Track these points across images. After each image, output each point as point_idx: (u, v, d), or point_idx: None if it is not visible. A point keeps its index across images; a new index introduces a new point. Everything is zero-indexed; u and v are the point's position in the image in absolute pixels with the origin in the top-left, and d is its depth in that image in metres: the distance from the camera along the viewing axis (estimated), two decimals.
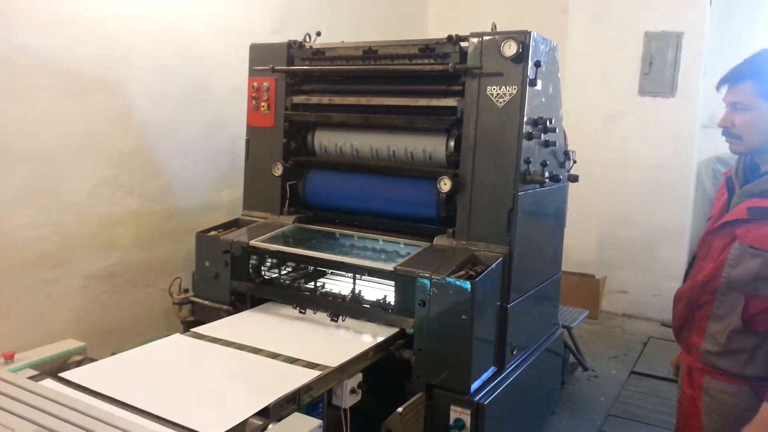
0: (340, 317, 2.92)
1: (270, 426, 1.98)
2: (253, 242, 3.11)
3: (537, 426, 3.48)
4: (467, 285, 2.53)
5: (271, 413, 2.08)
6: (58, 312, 3.49)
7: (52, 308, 3.46)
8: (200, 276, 3.33)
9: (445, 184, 2.89)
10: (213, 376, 2.32)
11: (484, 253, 2.84)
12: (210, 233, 3.34)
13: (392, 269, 2.73)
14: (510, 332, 2.87)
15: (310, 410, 2.37)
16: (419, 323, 2.66)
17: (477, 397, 2.60)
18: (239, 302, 3.21)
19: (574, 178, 3.58)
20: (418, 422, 2.60)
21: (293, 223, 3.39)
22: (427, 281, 2.62)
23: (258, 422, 2.01)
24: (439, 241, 2.99)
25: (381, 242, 3.14)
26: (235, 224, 3.53)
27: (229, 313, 3.17)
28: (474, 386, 2.63)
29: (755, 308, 2.07)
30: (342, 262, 2.89)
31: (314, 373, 2.33)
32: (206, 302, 3.28)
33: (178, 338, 2.71)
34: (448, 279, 2.58)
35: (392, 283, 2.79)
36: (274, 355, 2.52)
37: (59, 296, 3.48)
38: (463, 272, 2.66)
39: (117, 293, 3.83)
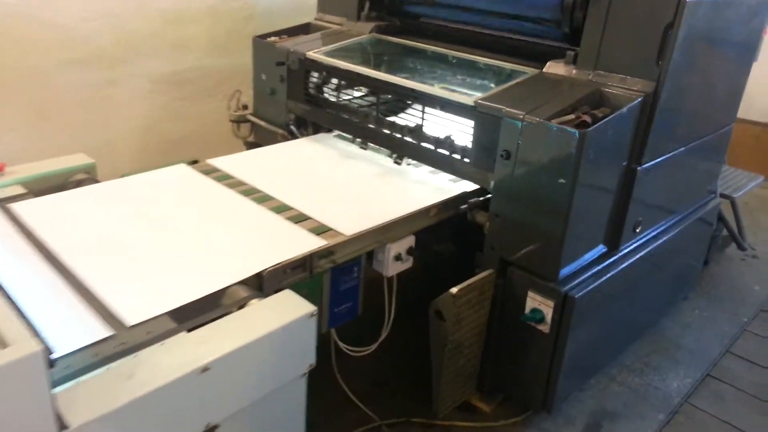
0: (405, 160, 2.27)
1: (253, 301, 1.48)
2: (310, 54, 2.44)
3: (658, 313, 2.75)
4: (574, 135, 1.73)
5: (265, 282, 1.58)
6: (122, 117, 3.18)
7: (115, 112, 3.14)
8: (257, 91, 2.78)
9: None
10: (204, 223, 1.83)
11: (616, 90, 1.95)
12: (269, 39, 2.71)
13: (472, 103, 1.96)
14: (635, 204, 2.06)
15: (338, 275, 1.86)
16: (500, 181, 1.93)
17: (566, 287, 1.91)
18: (299, 127, 2.65)
19: None
20: (482, 305, 2.00)
21: (371, 32, 2.64)
22: (517, 123, 1.84)
23: (242, 293, 1.52)
24: (554, 67, 2.12)
25: (479, 65, 2.34)
26: (304, 30, 2.86)
27: (285, 139, 2.64)
28: (565, 271, 1.93)
29: None
30: (410, 89, 2.15)
31: (342, 236, 1.77)
32: (262, 123, 2.76)
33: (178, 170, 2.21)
34: (548, 123, 1.78)
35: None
36: (298, 209, 1.98)
37: (121, 100, 3.14)
38: (573, 116, 1.84)
39: (191, 102, 3.43)
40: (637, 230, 2.15)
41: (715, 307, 2.94)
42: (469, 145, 2.03)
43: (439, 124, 2.13)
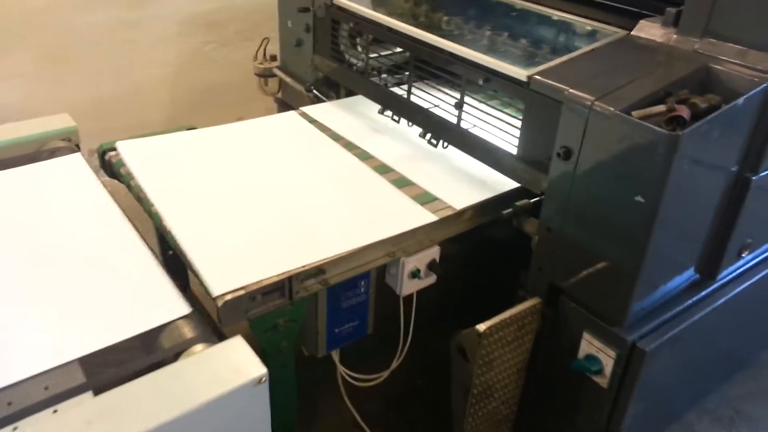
0: (441, 143, 1.80)
1: (198, 347, 1.13)
2: None
3: (757, 346, 2.19)
4: (661, 137, 1.21)
5: (221, 316, 1.22)
6: (147, 65, 2.87)
7: (138, 59, 2.83)
8: (283, 41, 2.36)
9: None
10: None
11: (732, 69, 1.39)
12: None
13: (525, 78, 1.46)
14: (744, 222, 1.52)
15: (338, 291, 1.49)
16: (555, 185, 1.45)
17: (636, 334, 1.44)
18: (328, 88, 2.22)
19: None
20: (522, 341, 1.57)
21: None
22: (582, 110, 1.34)
23: (186, 333, 1.17)
24: (647, 29, 1.57)
25: (550, 20, 1.81)
26: None
27: (311, 101, 2.23)
28: (637, 309, 1.45)
29: None
30: (448, 51, 1.66)
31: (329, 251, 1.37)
32: (287, 78, 2.35)
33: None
34: (626, 116, 1.27)
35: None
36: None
37: (145, 44, 2.82)
38: (665, 106, 1.31)
39: (224, 47, 3.07)
40: (744, 255, 1.62)
41: None
42: (517, 132, 1.55)
43: (483, 99, 1.65)
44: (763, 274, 1.72)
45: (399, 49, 2.01)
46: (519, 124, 1.54)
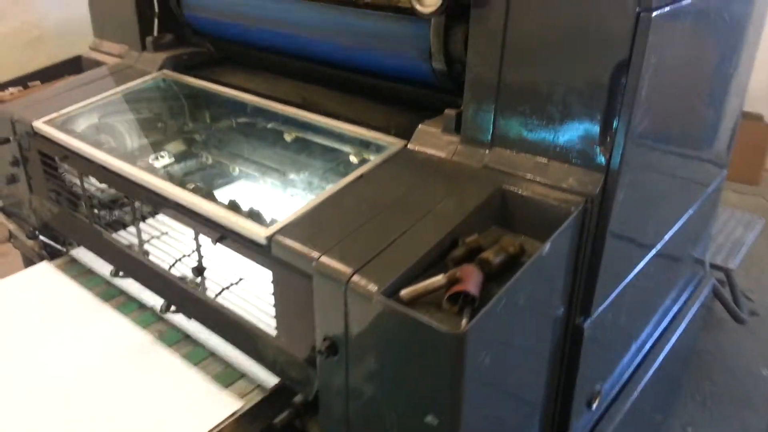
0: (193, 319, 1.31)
1: None
2: (39, 124, 1.46)
3: None
4: (442, 338, 0.80)
5: None
6: None
7: None
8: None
9: None
10: None
11: (531, 189, 1.03)
12: (6, 90, 1.71)
13: (264, 240, 1.01)
14: (586, 372, 1.16)
15: None
16: (328, 389, 1.00)
17: None
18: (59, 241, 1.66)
19: None
20: None
21: (161, 68, 1.67)
22: (338, 289, 0.90)
23: None
24: (426, 138, 1.19)
25: (315, 130, 1.39)
26: (72, 67, 1.87)
27: (39, 255, 1.67)
28: None
29: None
30: (174, 201, 1.18)
31: None
32: (11, 226, 1.77)
33: None
34: (392, 304, 0.85)
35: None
36: None
37: None
38: (444, 277, 0.89)
39: None
40: (593, 405, 1.26)
41: (714, 418, 2.08)
42: (272, 311, 1.09)
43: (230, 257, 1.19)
44: (625, 408, 1.37)
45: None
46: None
